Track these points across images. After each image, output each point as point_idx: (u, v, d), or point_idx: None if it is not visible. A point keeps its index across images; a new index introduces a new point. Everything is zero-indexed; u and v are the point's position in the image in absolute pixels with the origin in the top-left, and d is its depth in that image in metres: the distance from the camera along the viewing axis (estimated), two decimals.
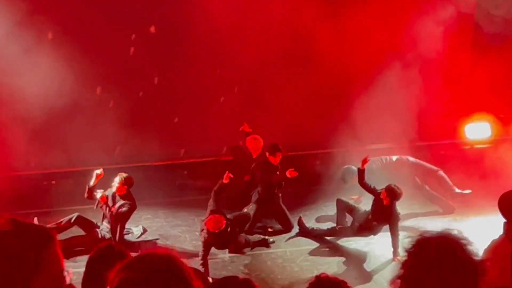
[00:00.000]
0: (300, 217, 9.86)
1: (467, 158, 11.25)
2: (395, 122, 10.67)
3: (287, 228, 9.94)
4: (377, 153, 10.78)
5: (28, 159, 10.89)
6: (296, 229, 9.92)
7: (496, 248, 5.20)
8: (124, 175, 9.24)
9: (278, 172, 9.70)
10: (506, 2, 11.82)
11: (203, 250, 8.56)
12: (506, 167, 10.24)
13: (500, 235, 5.29)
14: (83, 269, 3.89)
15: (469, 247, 2.45)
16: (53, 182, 10.99)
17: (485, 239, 5.48)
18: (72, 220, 9.26)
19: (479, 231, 8.82)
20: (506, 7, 11.72)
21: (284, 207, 10.03)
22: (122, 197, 9.19)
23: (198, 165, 11.53)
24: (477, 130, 11.85)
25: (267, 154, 9.69)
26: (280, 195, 9.99)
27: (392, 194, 8.87)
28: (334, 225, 9.76)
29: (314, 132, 11.45)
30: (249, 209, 9.94)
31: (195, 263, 8.26)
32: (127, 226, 9.40)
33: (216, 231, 8.40)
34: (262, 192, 9.83)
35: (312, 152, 11.55)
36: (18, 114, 10.31)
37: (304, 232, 9.76)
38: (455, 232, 2.52)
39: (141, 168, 11.18)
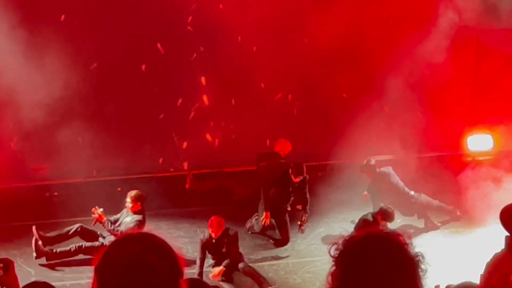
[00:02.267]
0: None
1: (469, 170, 11.22)
2: (397, 133, 10.67)
3: (284, 240, 9.96)
4: (380, 164, 10.78)
5: (31, 171, 10.90)
6: (295, 242, 9.93)
7: (498, 262, 5.20)
8: (134, 192, 9.23)
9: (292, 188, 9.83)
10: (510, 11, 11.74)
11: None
12: (508, 180, 10.22)
13: (502, 249, 5.29)
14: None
15: (400, 240, 2.33)
16: (56, 193, 11.00)
17: (488, 252, 5.48)
18: (71, 232, 9.29)
19: (482, 244, 8.87)
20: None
21: (287, 220, 10.03)
22: (136, 212, 9.23)
23: (200, 176, 11.54)
24: (479, 142, 11.83)
25: (290, 171, 9.69)
26: (289, 209, 10.01)
27: (387, 216, 9.02)
28: None
29: (316, 143, 11.46)
30: (254, 221, 10.00)
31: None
32: None
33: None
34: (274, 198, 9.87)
35: (314, 163, 11.53)
36: (20, 125, 10.33)
37: None
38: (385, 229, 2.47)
39: (143, 179, 11.20)
